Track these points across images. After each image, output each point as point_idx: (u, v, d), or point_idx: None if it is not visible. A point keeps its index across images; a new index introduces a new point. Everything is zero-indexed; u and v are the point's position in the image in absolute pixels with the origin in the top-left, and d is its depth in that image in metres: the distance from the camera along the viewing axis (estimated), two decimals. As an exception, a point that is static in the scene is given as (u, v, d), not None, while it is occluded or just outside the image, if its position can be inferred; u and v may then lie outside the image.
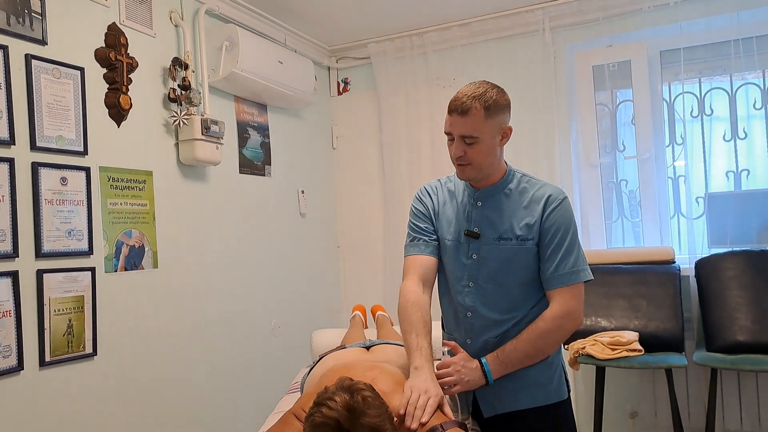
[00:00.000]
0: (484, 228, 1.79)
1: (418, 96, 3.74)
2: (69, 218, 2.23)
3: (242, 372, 3.11)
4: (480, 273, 1.79)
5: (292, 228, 3.63)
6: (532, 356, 1.74)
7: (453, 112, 1.69)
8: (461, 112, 1.68)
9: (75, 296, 2.23)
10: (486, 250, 1.78)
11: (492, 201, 1.81)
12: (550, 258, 1.75)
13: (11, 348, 2.02)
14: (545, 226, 1.75)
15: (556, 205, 1.76)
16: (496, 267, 1.77)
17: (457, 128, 1.70)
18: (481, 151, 1.71)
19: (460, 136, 1.71)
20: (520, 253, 1.76)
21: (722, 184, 3.18)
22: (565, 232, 1.75)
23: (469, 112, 1.67)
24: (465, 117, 1.67)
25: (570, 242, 1.75)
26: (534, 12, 3.42)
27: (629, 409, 3.26)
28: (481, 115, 1.67)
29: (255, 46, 3.05)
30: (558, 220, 1.75)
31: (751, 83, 3.14)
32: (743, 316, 2.72)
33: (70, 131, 2.25)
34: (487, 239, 1.78)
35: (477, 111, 1.67)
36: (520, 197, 1.79)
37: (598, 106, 3.46)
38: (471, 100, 1.67)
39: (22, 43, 2.11)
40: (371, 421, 1.31)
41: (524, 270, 1.77)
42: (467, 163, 1.73)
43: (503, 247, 1.76)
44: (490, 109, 1.68)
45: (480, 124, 1.68)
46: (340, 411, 1.30)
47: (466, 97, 1.68)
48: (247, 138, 3.28)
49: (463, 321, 1.83)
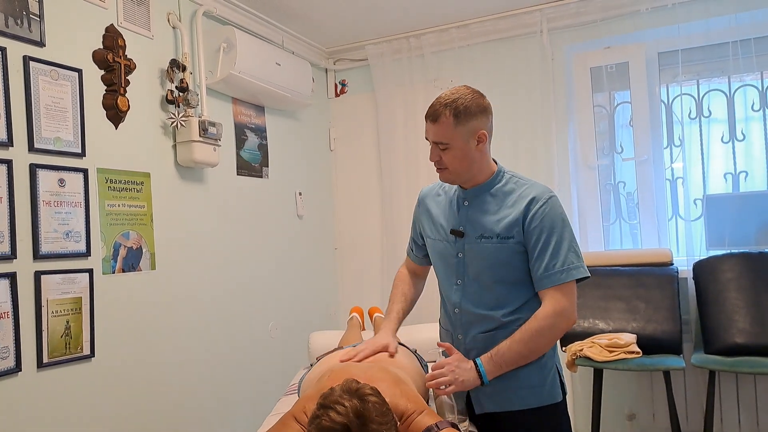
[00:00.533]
0: (468, 227, 1.83)
1: (415, 98, 3.74)
2: (67, 220, 2.22)
3: (240, 373, 3.11)
4: (466, 271, 1.83)
5: (289, 230, 3.63)
6: (526, 356, 1.75)
7: (427, 118, 1.77)
8: (432, 120, 1.74)
9: (73, 298, 2.23)
10: (469, 248, 1.82)
11: (478, 201, 1.84)
12: (539, 258, 1.75)
13: (9, 349, 2.01)
14: (530, 226, 1.75)
15: (540, 205, 1.76)
16: (479, 264, 1.81)
17: (429, 135, 1.78)
18: (455, 157, 1.76)
19: (434, 142, 1.77)
20: (501, 251, 1.78)
21: (720, 186, 3.18)
22: (551, 231, 1.75)
23: (438, 119, 1.73)
24: (435, 124, 1.74)
25: (557, 241, 1.75)
26: (532, 14, 3.42)
27: (627, 412, 3.26)
28: (450, 122, 1.72)
29: (252, 48, 3.05)
30: (543, 220, 1.75)
31: (749, 85, 3.15)
32: (741, 319, 2.72)
33: (68, 133, 2.25)
34: (470, 238, 1.82)
35: (446, 118, 1.72)
36: (506, 197, 1.81)
37: (596, 107, 3.47)
38: (442, 108, 1.73)
39: (20, 44, 2.11)
40: (378, 428, 1.31)
41: (506, 268, 1.79)
42: (444, 167, 1.80)
43: (484, 246, 1.79)
44: (459, 117, 1.72)
45: (449, 131, 1.73)
46: (351, 417, 1.29)
47: (439, 104, 1.74)
48: (245, 140, 3.28)
49: (453, 317, 1.88)
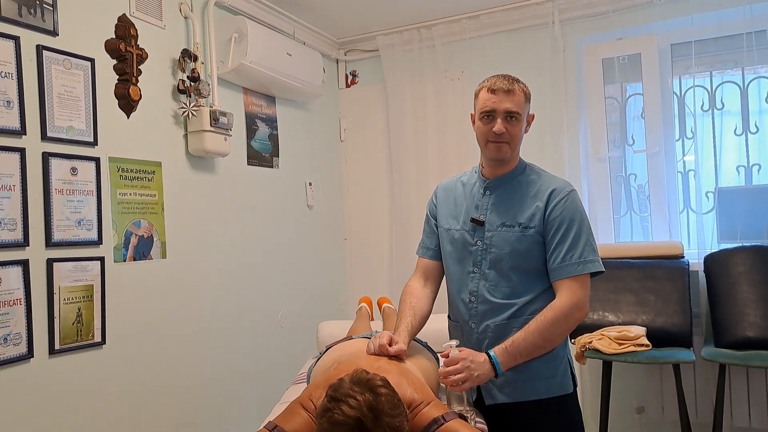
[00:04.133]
0: (489, 215, 1.85)
1: (425, 89, 3.73)
2: (79, 208, 2.24)
3: (249, 362, 3.13)
4: (484, 259, 1.84)
5: (299, 220, 3.64)
6: (540, 347, 1.75)
7: (497, 91, 1.79)
8: (507, 91, 1.79)
9: (84, 285, 2.25)
10: (489, 236, 1.83)
11: (501, 190, 1.87)
12: (556, 249, 1.77)
13: (21, 336, 2.04)
14: (550, 218, 1.78)
15: (561, 198, 1.80)
16: (499, 253, 1.82)
17: (503, 104, 1.79)
18: (520, 130, 1.83)
19: (506, 113, 1.79)
20: (522, 241, 1.80)
21: (733, 178, 3.15)
22: (570, 223, 1.78)
23: (514, 91, 1.79)
24: (510, 95, 1.79)
25: (576, 234, 1.77)
26: (544, 5, 3.39)
27: (636, 405, 3.26)
28: (522, 96, 1.81)
29: (264, 39, 3.05)
30: (563, 213, 1.78)
31: (763, 77, 3.10)
32: (753, 312, 2.70)
33: (81, 122, 2.27)
34: (492, 226, 1.84)
35: (520, 92, 1.81)
36: (528, 187, 1.85)
37: (608, 99, 3.44)
38: (513, 83, 1.81)
39: (34, 34, 2.12)
40: (391, 421, 1.31)
41: (525, 258, 1.80)
42: (506, 141, 1.81)
43: (506, 234, 1.81)
44: (526, 94, 1.84)
45: (522, 104, 1.81)
46: (364, 411, 1.28)
47: (506, 80, 1.81)
48: (256, 130, 3.29)
49: (467, 306, 1.87)
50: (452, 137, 3.63)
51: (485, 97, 1.81)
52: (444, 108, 3.66)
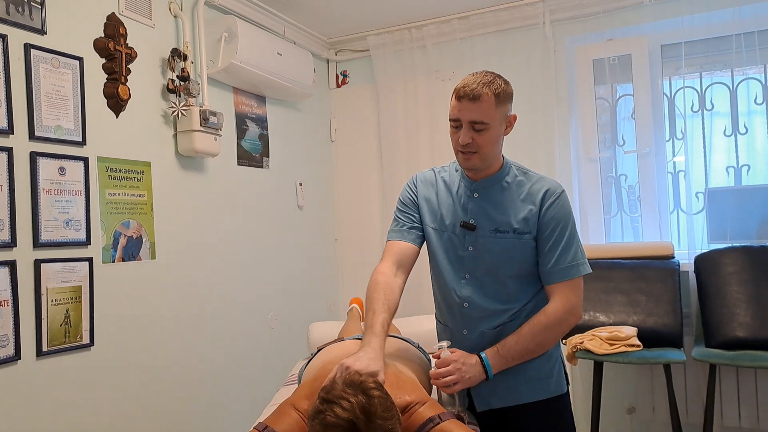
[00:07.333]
0: (480, 220, 1.79)
1: (416, 89, 3.72)
2: (67, 208, 2.22)
3: (239, 363, 3.11)
4: (476, 265, 1.79)
5: (289, 220, 3.62)
6: (532, 351, 1.73)
7: (463, 98, 1.68)
8: (472, 98, 1.66)
9: (72, 286, 2.22)
10: (482, 242, 1.78)
11: (489, 193, 1.81)
12: (550, 252, 1.74)
13: (8, 337, 2.01)
14: (544, 220, 1.75)
15: (555, 199, 1.76)
16: (493, 259, 1.77)
17: (467, 114, 1.68)
18: (489, 139, 1.71)
19: (470, 123, 1.69)
20: (516, 247, 1.76)
21: (722, 179, 3.17)
22: (564, 226, 1.75)
23: (480, 98, 1.66)
24: (476, 102, 1.66)
25: (569, 236, 1.75)
26: (534, 5, 3.40)
27: (627, 405, 3.26)
28: (492, 102, 1.67)
29: (254, 38, 3.03)
30: (557, 215, 1.75)
31: (752, 78, 3.13)
32: (743, 312, 2.71)
33: (69, 121, 2.24)
34: (483, 231, 1.78)
35: (488, 97, 1.66)
36: (518, 189, 1.79)
37: (598, 100, 3.45)
38: (481, 87, 1.66)
39: (22, 32, 2.10)
40: (384, 424, 1.30)
41: (520, 263, 1.77)
42: (474, 151, 1.72)
43: (500, 240, 1.76)
44: (499, 97, 1.68)
45: (491, 111, 1.68)
46: (357, 414, 1.27)
47: (476, 83, 1.67)
48: (246, 130, 3.27)
49: (460, 312, 1.82)
50: (443, 138, 3.61)
51: (453, 103, 1.72)
52: (435, 108, 3.66)
